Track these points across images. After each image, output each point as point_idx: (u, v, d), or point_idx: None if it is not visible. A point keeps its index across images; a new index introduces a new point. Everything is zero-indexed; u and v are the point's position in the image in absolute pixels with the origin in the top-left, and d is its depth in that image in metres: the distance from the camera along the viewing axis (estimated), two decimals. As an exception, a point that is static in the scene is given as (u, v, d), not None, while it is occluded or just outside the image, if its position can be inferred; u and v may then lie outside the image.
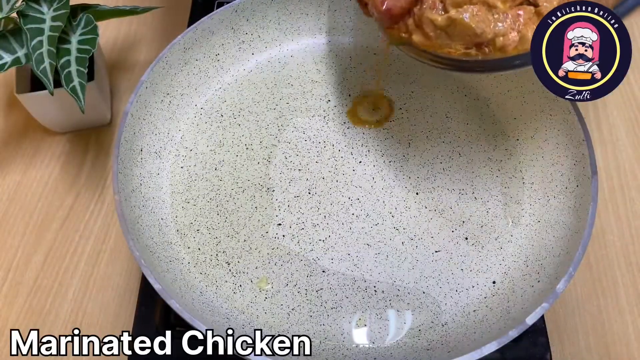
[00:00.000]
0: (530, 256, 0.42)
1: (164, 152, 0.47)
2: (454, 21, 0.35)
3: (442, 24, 0.36)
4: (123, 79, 0.61)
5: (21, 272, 0.49)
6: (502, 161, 0.47)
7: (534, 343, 0.41)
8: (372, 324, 0.40)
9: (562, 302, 0.47)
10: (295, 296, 0.41)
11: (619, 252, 0.49)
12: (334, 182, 0.47)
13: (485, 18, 0.36)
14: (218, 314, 0.39)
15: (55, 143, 0.56)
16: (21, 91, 0.51)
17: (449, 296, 0.41)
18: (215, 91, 0.51)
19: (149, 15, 0.55)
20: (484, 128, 0.49)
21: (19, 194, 0.53)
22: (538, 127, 0.46)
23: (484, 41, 0.36)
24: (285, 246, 0.43)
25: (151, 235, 0.41)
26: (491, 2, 0.36)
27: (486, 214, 0.45)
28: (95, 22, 0.48)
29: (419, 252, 0.43)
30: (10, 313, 0.47)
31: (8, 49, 0.47)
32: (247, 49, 0.53)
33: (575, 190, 0.42)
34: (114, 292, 0.48)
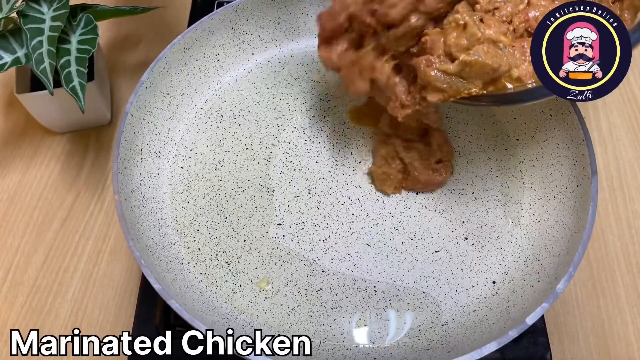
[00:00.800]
0: (530, 256, 0.42)
1: (164, 152, 0.47)
2: (469, 63, 0.36)
3: (456, 71, 0.36)
4: (123, 79, 0.61)
5: (21, 272, 0.49)
6: (502, 161, 0.47)
7: (534, 343, 0.41)
8: (372, 324, 0.40)
9: (562, 302, 0.47)
10: (295, 296, 0.41)
11: (619, 252, 0.49)
12: (334, 182, 0.47)
13: (496, 53, 0.36)
14: (218, 314, 0.39)
15: (55, 143, 0.56)
16: (21, 91, 0.51)
17: (449, 296, 0.41)
18: (215, 91, 0.51)
19: (149, 15, 0.55)
20: (484, 128, 0.49)
21: (19, 194, 0.53)
22: (538, 127, 0.46)
23: (501, 75, 0.36)
24: (285, 246, 0.43)
25: (151, 235, 0.41)
26: (495, 38, 0.37)
27: (486, 214, 0.45)
28: (95, 22, 0.48)
29: (419, 252, 0.43)
30: (10, 313, 0.47)
31: (8, 49, 0.47)
32: (247, 49, 0.53)
33: (575, 190, 0.42)
34: (114, 292, 0.48)
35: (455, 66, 0.36)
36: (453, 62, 0.36)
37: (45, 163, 0.55)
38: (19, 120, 0.58)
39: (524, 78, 0.37)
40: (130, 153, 0.44)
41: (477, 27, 0.36)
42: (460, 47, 0.36)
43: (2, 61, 0.46)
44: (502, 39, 0.37)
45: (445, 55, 0.37)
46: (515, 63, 0.37)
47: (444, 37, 0.37)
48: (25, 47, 0.45)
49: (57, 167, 0.55)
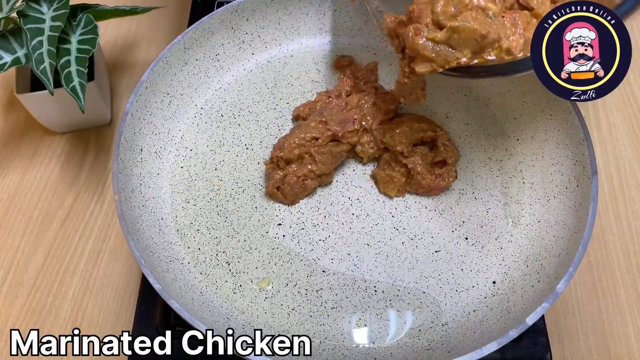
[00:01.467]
0: (531, 256, 0.42)
1: (164, 152, 0.47)
2: (457, 29, 0.35)
3: (444, 38, 0.36)
4: (123, 79, 0.61)
5: (21, 272, 0.49)
6: (502, 161, 0.47)
7: (534, 343, 0.41)
8: (372, 324, 0.40)
9: (562, 302, 0.47)
10: (295, 296, 0.41)
11: (619, 252, 0.49)
12: (334, 182, 0.47)
13: (485, 20, 0.36)
14: (218, 314, 0.39)
15: (55, 143, 0.56)
16: (21, 91, 0.51)
17: (449, 296, 0.41)
18: (215, 91, 0.51)
19: (149, 15, 0.55)
20: (484, 128, 0.49)
21: (19, 194, 0.53)
22: (538, 127, 0.46)
23: (490, 43, 0.36)
24: (285, 246, 0.43)
25: (151, 235, 0.41)
26: (483, 5, 0.36)
27: (486, 214, 0.45)
28: (95, 22, 0.48)
29: (419, 252, 0.43)
30: (10, 313, 0.47)
31: (8, 49, 0.47)
32: (247, 49, 0.53)
33: (576, 190, 0.42)
34: (114, 292, 0.48)
35: (444, 33, 0.36)
36: (441, 30, 0.36)
37: (45, 163, 0.55)
38: (19, 120, 0.58)
39: (514, 50, 0.36)
40: (130, 153, 0.44)
41: None
42: (448, 14, 0.36)
43: (2, 61, 0.46)
44: (490, 7, 0.36)
45: (434, 24, 0.37)
46: (505, 33, 0.36)
47: (432, 5, 0.37)
48: (25, 47, 0.45)
49: (57, 167, 0.55)
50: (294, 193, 0.45)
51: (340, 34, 0.54)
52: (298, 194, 0.45)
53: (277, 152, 0.45)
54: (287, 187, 0.44)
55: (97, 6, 0.51)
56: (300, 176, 0.44)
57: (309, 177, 0.45)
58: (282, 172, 0.45)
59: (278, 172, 0.45)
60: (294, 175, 0.44)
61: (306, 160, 0.45)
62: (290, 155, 0.44)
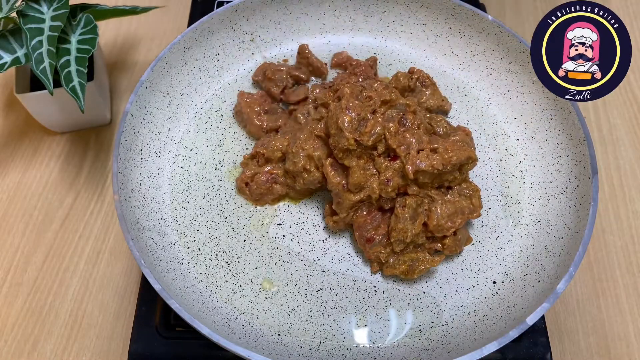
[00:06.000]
0: (531, 256, 0.42)
1: (163, 152, 0.47)
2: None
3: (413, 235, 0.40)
4: (123, 79, 0.61)
5: (21, 272, 0.49)
6: (502, 161, 0.47)
7: (534, 343, 0.41)
8: (372, 324, 0.40)
9: (562, 302, 0.47)
10: (295, 296, 0.41)
11: (619, 252, 0.49)
12: (334, 182, 0.47)
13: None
14: (218, 314, 0.39)
15: (55, 143, 0.56)
16: (21, 91, 0.51)
17: (449, 296, 0.41)
18: (215, 91, 0.51)
19: (149, 15, 0.55)
20: (484, 128, 0.49)
21: (19, 194, 0.53)
22: (538, 127, 0.46)
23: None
24: (285, 246, 0.43)
25: (151, 235, 0.41)
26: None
27: (486, 214, 0.45)
28: (95, 22, 0.48)
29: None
30: (10, 313, 0.47)
31: (8, 49, 0.47)
32: (247, 49, 0.53)
33: (576, 190, 0.42)
34: (113, 292, 0.48)
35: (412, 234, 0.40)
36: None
37: (45, 163, 0.55)
38: (19, 120, 0.58)
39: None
40: (130, 153, 0.44)
41: None
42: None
43: (2, 61, 0.46)
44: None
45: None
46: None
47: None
48: (25, 47, 0.45)
49: (56, 167, 0.55)
50: (260, 193, 0.44)
51: (340, 34, 0.54)
52: (263, 195, 0.44)
53: (260, 148, 0.45)
54: (254, 185, 0.44)
55: (96, 6, 0.51)
56: (270, 179, 0.44)
57: (279, 182, 0.44)
58: (256, 169, 0.44)
59: (252, 168, 0.45)
60: (265, 174, 0.44)
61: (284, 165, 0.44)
62: (272, 155, 0.44)
